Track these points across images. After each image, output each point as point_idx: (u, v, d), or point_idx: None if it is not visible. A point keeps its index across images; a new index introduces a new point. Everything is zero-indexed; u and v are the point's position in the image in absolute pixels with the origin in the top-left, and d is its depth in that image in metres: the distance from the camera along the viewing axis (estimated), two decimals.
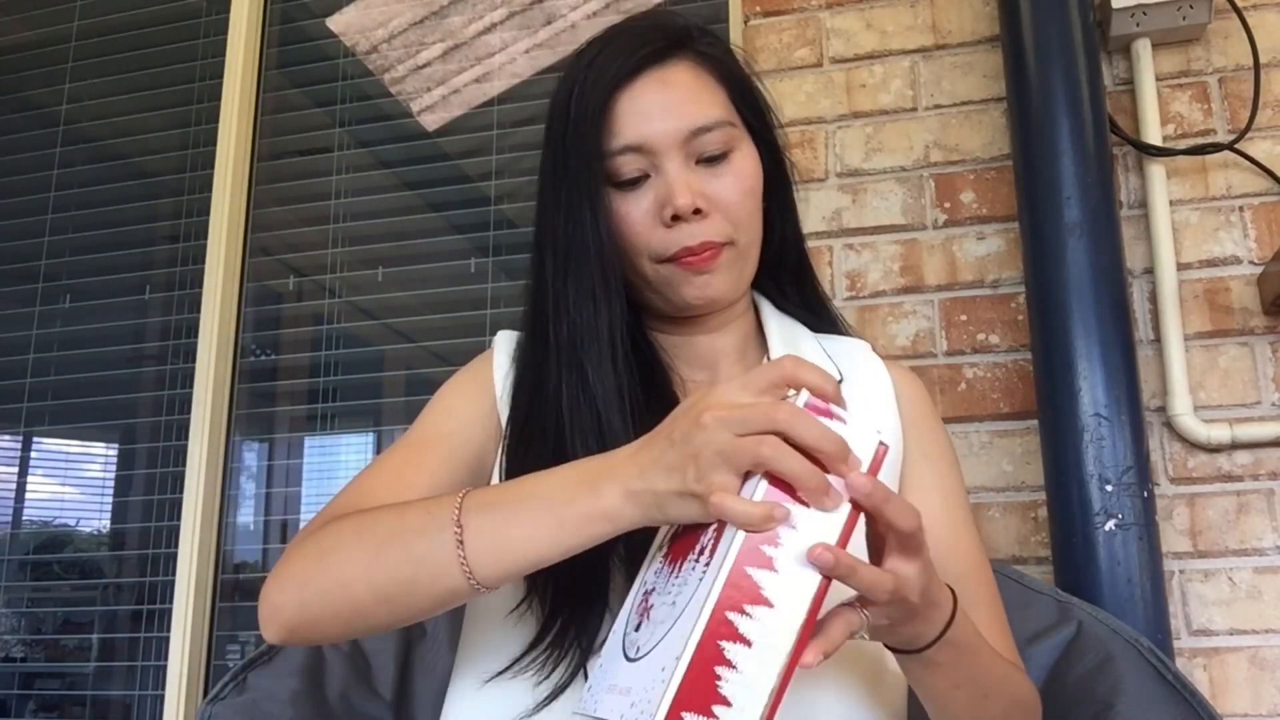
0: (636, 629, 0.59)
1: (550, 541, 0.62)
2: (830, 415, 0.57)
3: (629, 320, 0.82)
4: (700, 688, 0.51)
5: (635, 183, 0.80)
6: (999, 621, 0.83)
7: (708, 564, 0.55)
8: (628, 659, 0.57)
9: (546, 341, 0.80)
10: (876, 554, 0.60)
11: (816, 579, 0.54)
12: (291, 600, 0.69)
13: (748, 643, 0.52)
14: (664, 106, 0.79)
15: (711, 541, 0.56)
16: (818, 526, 0.55)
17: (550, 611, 0.72)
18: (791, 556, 0.54)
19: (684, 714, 0.50)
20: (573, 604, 0.71)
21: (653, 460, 0.60)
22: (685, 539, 0.60)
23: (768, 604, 0.52)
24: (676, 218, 0.78)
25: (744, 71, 0.86)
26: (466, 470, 0.82)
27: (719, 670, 0.51)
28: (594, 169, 0.78)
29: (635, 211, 0.80)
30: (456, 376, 0.89)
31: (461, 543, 0.63)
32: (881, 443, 0.57)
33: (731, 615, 0.52)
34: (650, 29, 0.82)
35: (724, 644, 0.52)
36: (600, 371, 0.76)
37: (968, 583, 0.81)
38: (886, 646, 0.67)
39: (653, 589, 0.60)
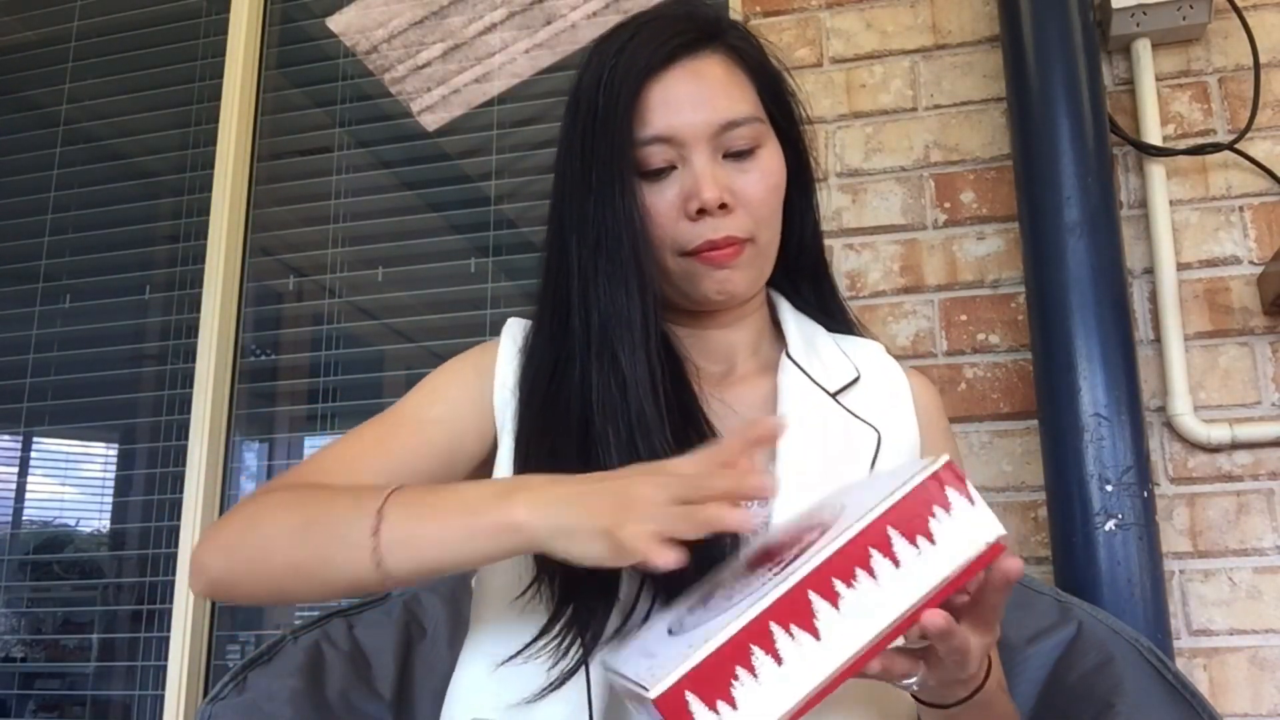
0: (689, 612, 0.59)
1: (458, 544, 0.64)
2: (963, 490, 0.55)
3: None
4: (715, 677, 0.51)
5: (661, 173, 0.79)
6: None
7: (777, 574, 0.54)
8: (669, 633, 0.58)
9: (569, 327, 0.79)
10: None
11: (873, 634, 0.52)
12: (218, 561, 0.72)
13: (779, 660, 0.51)
14: (695, 98, 0.78)
15: (793, 556, 0.56)
16: (902, 589, 0.53)
17: (560, 598, 0.72)
18: (860, 603, 0.53)
19: (688, 693, 0.50)
20: (583, 592, 0.71)
21: (577, 493, 0.61)
22: (770, 551, 0.60)
23: (814, 634, 0.52)
24: (702, 211, 0.78)
25: (774, 68, 0.85)
26: (434, 458, 0.81)
27: (739, 670, 0.51)
28: (624, 156, 0.77)
29: (660, 203, 0.79)
30: (456, 359, 0.88)
31: (377, 532, 0.65)
32: (1002, 537, 0.55)
33: (775, 627, 0.52)
34: (683, 18, 0.81)
35: (755, 649, 0.51)
36: (634, 359, 0.76)
37: None
38: (913, 696, 0.67)
39: (719, 585, 0.61)
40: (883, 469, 0.63)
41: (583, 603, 0.71)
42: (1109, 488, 1.28)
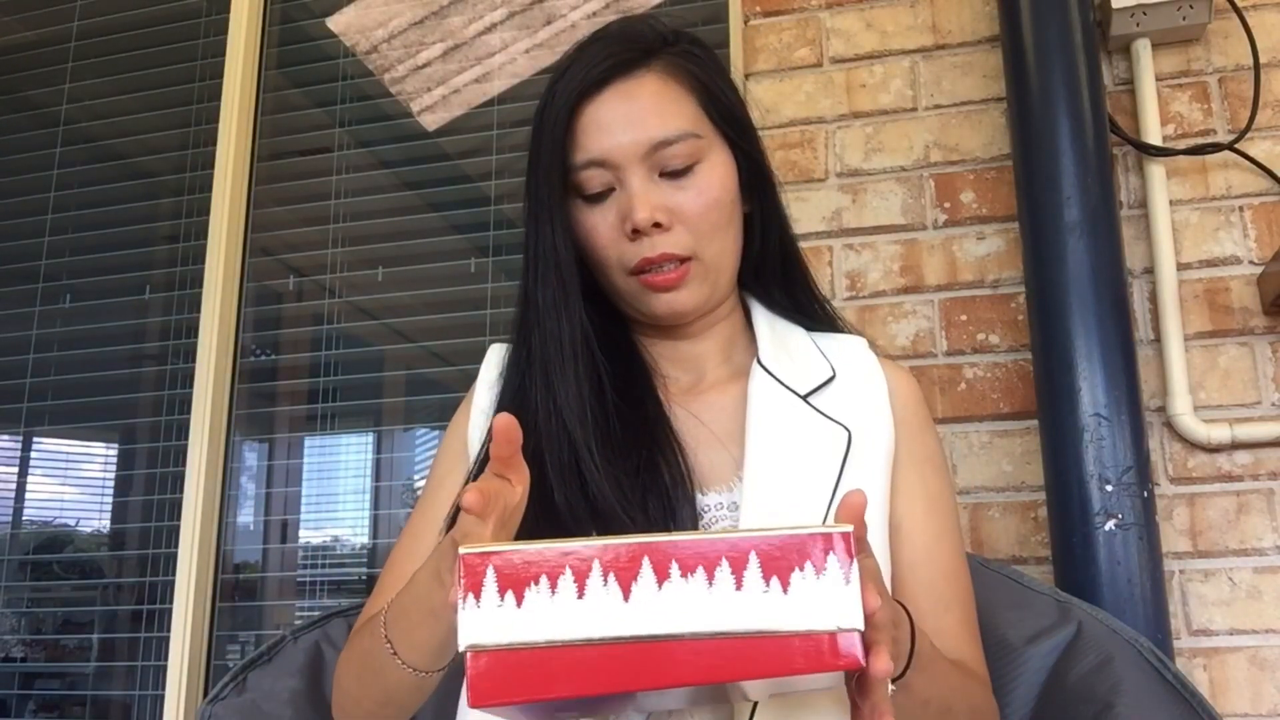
0: None
1: (441, 632, 0.69)
2: (846, 566, 0.52)
3: (612, 325, 0.85)
4: (522, 572, 0.52)
5: (601, 196, 0.81)
6: (970, 629, 0.84)
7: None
8: None
9: (530, 349, 0.82)
10: None
11: (673, 630, 0.51)
12: (339, 715, 0.84)
13: (581, 593, 0.52)
14: (626, 120, 0.79)
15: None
16: (727, 611, 0.52)
17: None
18: (682, 596, 0.52)
19: (492, 567, 0.52)
20: None
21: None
22: None
23: (624, 594, 0.52)
24: (637, 231, 0.79)
25: (720, 79, 0.85)
26: None
27: (544, 579, 0.52)
28: (554, 182, 0.80)
29: (602, 224, 0.81)
30: (448, 430, 0.92)
31: (395, 654, 0.71)
32: (856, 633, 0.52)
33: (598, 566, 0.52)
34: (621, 38, 0.82)
35: (569, 570, 0.52)
36: (564, 380, 0.79)
37: (942, 587, 0.82)
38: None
39: None
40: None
41: None
42: (1109, 488, 1.28)
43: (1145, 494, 1.29)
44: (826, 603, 0.51)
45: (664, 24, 0.85)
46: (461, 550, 0.52)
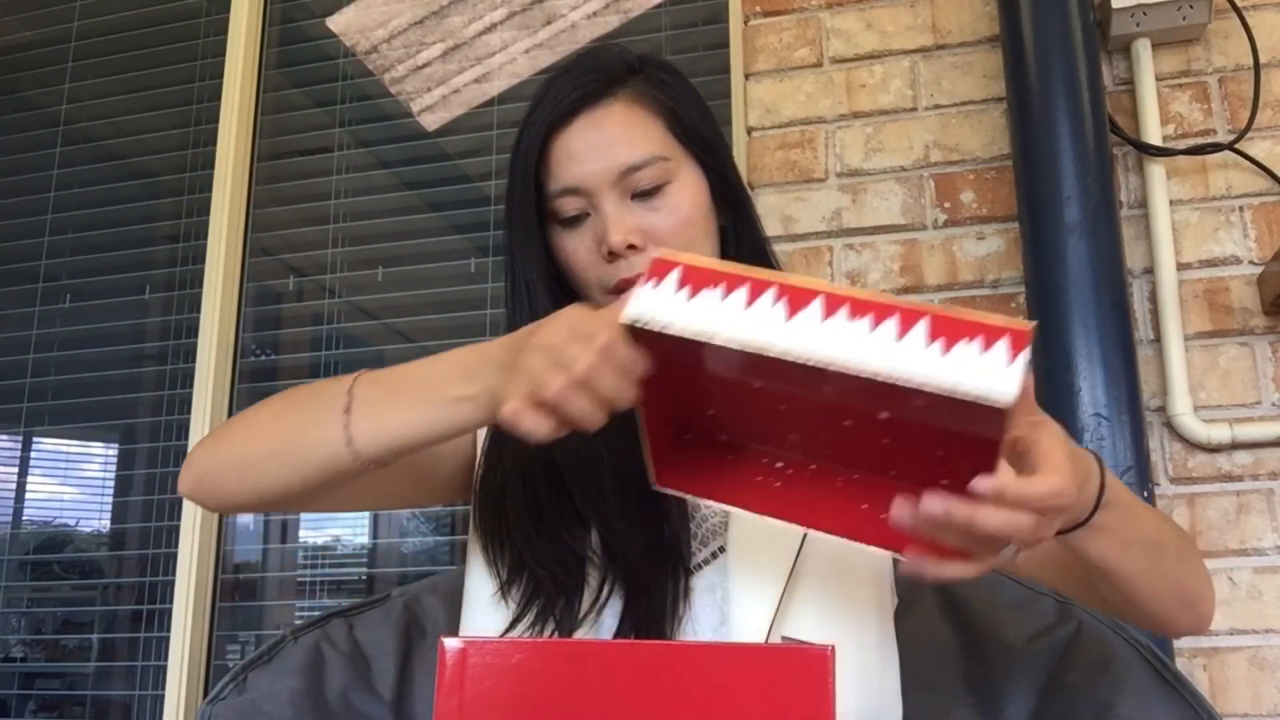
0: None
1: (424, 420, 0.69)
2: (1014, 352, 0.51)
3: None
4: (704, 278, 0.58)
5: (577, 220, 0.84)
6: None
7: None
8: None
9: None
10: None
11: (825, 358, 0.52)
12: (205, 452, 0.78)
13: (750, 302, 0.56)
14: (595, 148, 0.82)
15: None
16: (882, 354, 0.52)
17: (532, 590, 0.77)
18: (843, 332, 0.53)
19: (681, 268, 0.59)
20: (551, 583, 0.77)
21: (493, 356, 0.67)
22: None
23: (788, 314, 0.55)
24: (613, 253, 0.82)
25: (686, 101, 0.88)
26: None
27: (722, 285, 0.57)
28: (528, 210, 0.83)
29: (580, 248, 0.84)
30: None
31: (348, 410, 0.70)
32: (1004, 405, 0.51)
33: (773, 289, 0.56)
34: (588, 70, 0.85)
35: (746, 285, 0.57)
36: None
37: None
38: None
39: None
40: None
41: (551, 594, 0.76)
42: None
43: (1145, 494, 1.29)
44: (984, 371, 0.50)
45: (630, 52, 0.88)
46: (656, 253, 0.59)
